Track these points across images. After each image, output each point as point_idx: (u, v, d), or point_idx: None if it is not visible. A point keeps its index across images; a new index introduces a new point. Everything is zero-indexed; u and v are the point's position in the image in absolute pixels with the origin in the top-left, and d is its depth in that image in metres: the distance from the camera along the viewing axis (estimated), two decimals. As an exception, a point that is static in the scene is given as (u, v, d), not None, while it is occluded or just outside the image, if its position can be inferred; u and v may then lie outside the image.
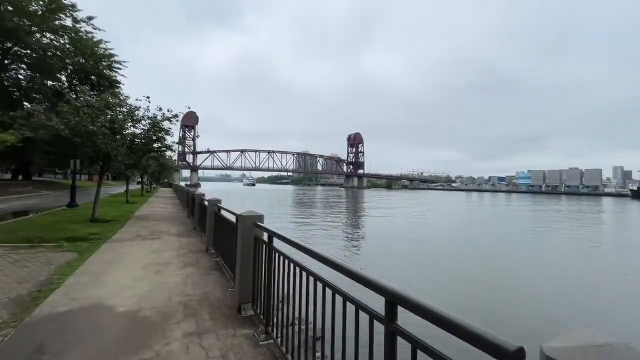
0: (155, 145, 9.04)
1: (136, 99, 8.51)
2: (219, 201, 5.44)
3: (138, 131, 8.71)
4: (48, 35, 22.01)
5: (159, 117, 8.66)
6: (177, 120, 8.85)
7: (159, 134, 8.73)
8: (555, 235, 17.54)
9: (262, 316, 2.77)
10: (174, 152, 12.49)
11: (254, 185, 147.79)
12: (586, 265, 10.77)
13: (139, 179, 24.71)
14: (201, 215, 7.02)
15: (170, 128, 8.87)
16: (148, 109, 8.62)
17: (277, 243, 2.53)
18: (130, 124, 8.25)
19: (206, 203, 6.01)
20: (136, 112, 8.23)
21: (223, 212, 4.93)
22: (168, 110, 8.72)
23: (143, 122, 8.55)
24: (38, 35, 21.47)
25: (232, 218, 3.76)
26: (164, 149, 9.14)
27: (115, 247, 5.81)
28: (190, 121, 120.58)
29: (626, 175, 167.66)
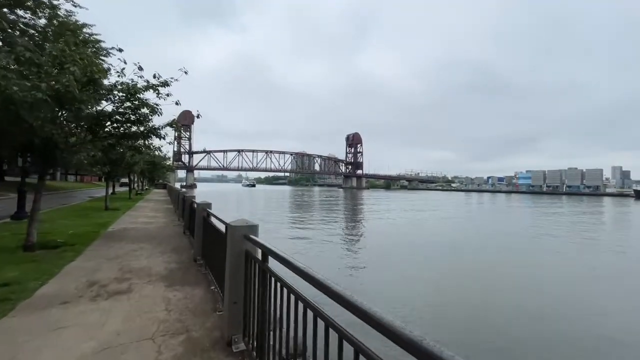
0: (134, 128, 6.11)
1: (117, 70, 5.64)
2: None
3: (109, 108, 5.82)
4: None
5: (139, 85, 5.65)
6: (165, 95, 5.87)
7: (140, 111, 5.85)
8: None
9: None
10: (163, 139, 6.75)
11: (254, 186, 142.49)
12: None
13: (125, 180, 21.40)
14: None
15: (158, 105, 5.97)
16: (123, 73, 5.60)
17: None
18: (92, 92, 5.14)
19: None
20: (99, 76, 5.17)
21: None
22: (155, 77, 5.75)
23: (116, 91, 5.56)
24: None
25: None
26: (148, 133, 6.11)
27: (8, 340, 2.53)
28: (186, 120, 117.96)
29: (624, 175, 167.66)
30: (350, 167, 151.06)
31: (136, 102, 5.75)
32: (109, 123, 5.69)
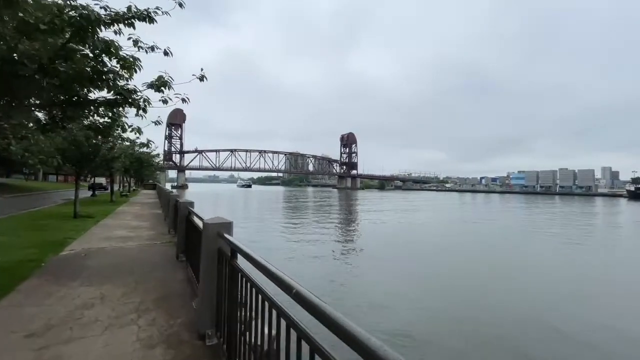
0: (95, 94, 3.46)
1: None
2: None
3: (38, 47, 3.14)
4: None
5: (97, 12, 3.07)
6: (147, 47, 3.43)
7: (100, 58, 3.34)
8: None
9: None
10: (142, 111, 3.76)
11: (250, 186, 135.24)
12: None
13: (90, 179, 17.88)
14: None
15: (133, 58, 3.48)
16: None
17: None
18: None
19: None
20: None
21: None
22: (130, 9, 3.44)
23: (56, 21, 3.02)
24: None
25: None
26: (117, 100, 3.53)
27: None
28: (176, 119, 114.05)
29: (614, 175, 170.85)
30: (344, 167, 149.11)
31: (92, 46, 3.22)
32: (37, 76, 3.10)
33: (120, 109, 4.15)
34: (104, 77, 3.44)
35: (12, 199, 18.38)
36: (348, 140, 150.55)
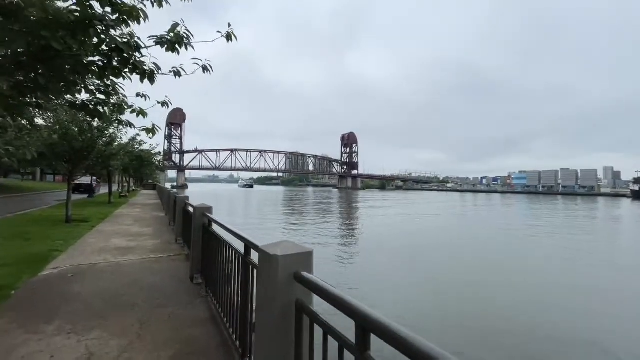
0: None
1: None
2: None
3: None
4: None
5: None
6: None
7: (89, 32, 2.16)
8: None
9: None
10: (149, 77, 2.48)
11: (251, 187, 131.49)
12: None
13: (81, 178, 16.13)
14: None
15: (130, 38, 2.37)
16: None
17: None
18: None
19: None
20: None
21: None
22: None
23: None
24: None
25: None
26: (107, 51, 2.40)
27: None
28: (176, 119, 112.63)
29: (615, 175, 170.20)
30: (345, 167, 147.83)
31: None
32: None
33: (117, 79, 2.94)
34: (89, 22, 2.25)
35: (1, 200, 17.11)
36: (349, 140, 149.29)
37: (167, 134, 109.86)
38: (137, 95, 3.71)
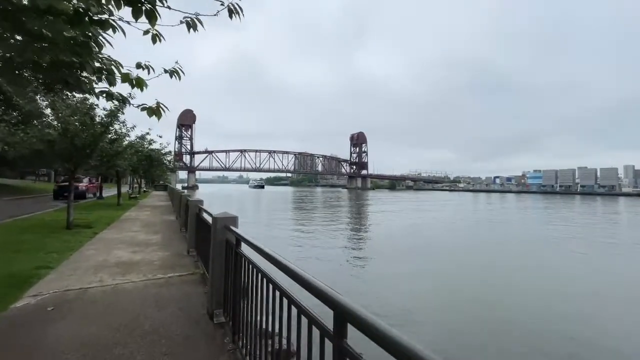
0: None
1: None
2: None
3: None
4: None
5: None
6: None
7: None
8: None
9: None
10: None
11: (262, 187, 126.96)
12: None
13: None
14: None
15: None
16: None
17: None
18: None
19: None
20: None
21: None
22: None
23: None
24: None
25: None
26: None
27: None
28: (186, 120, 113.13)
29: (636, 174, 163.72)
30: (354, 167, 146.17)
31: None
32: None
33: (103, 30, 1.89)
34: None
35: (6, 202, 16.56)
36: (358, 140, 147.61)
37: (177, 135, 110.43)
38: (138, 66, 2.72)
